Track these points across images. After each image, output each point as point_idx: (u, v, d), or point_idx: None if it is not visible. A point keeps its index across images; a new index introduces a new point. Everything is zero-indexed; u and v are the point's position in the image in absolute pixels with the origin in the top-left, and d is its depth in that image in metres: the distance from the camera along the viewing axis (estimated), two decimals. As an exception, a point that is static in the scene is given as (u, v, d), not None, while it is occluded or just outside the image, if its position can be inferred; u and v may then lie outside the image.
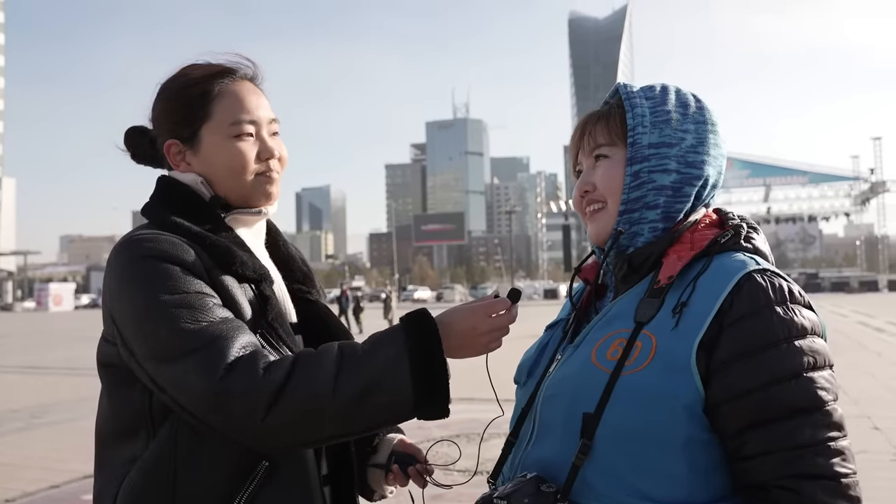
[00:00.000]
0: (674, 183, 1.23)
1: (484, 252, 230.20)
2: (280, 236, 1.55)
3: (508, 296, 1.26)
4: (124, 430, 1.29)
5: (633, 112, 1.25)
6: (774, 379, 1.08)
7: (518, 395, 1.34)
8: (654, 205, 1.24)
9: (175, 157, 1.40)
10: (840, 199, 66.56)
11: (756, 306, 1.11)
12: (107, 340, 1.31)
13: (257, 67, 1.46)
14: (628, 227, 1.24)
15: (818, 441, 1.06)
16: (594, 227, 1.29)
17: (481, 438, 1.48)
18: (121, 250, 1.29)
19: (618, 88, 1.33)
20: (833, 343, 1.12)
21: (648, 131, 1.24)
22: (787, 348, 1.09)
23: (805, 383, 1.08)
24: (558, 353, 1.28)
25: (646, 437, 1.10)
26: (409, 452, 1.49)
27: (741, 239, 1.22)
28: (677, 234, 1.24)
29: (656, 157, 1.23)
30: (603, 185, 1.26)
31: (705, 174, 1.25)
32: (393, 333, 1.22)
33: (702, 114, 1.27)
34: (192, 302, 1.22)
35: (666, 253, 1.23)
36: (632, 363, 1.13)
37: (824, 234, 79.21)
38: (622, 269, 1.26)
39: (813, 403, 1.08)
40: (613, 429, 1.11)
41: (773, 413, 1.08)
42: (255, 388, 1.14)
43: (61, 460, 6.50)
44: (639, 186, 1.23)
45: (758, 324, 1.10)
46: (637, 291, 1.22)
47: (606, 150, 1.27)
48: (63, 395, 10.53)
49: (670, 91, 1.28)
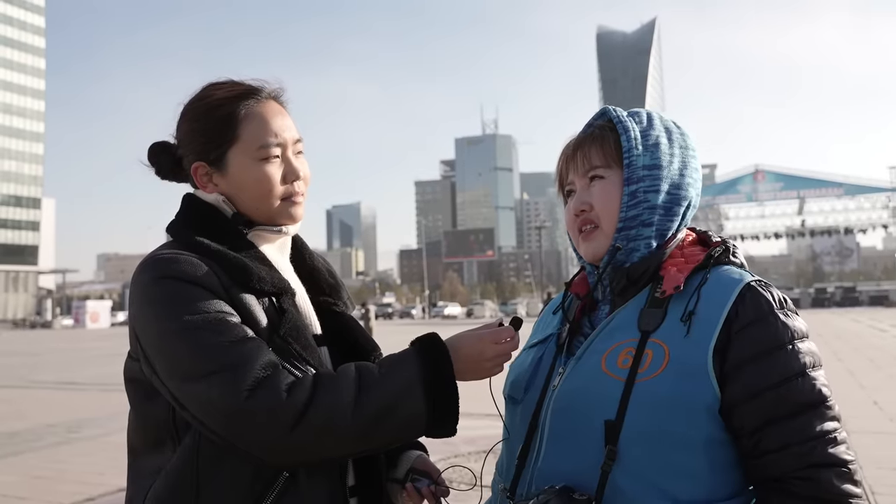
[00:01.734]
0: (664, 203, 1.31)
1: (514, 268, 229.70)
2: (306, 249, 1.57)
3: (511, 324, 1.34)
4: (152, 441, 1.32)
5: (627, 135, 1.32)
6: (784, 378, 1.17)
7: (515, 411, 1.36)
8: (649, 222, 1.30)
9: (202, 179, 1.42)
10: (877, 211, 65.27)
11: (761, 313, 1.20)
12: (131, 357, 1.35)
13: (281, 86, 1.47)
14: (626, 244, 1.30)
15: (827, 432, 1.15)
16: (590, 247, 1.34)
17: (486, 454, 1.49)
18: (143, 270, 1.31)
19: (606, 112, 1.38)
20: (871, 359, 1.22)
21: (642, 154, 1.31)
22: (791, 350, 1.18)
23: (810, 381, 1.17)
24: (559, 367, 1.31)
25: (668, 439, 1.16)
26: (426, 471, 1.50)
27: (731, 254, 1.32)
28: (668, 250, 1.32)
29: (650, 178, 1.30)
30: (600, 204, 1.31)
31: (689, 196, 1.34)
32: (407, 357, 1.27)
33: (684, 140, 1.35)
34: (214, 322, 1.24)
35: (662, 267, 1.30)
36: (645, 370, 1.19)
37: (862, 247, 77.57)
38: (620, 283, 1.31)
39: (818, 399, 1.17)
40: (637, 434, 1.16)
41: (785, 410, 1.16)
42: (279, 408, 1.18)
43: (97, 474, 6.61)
44: (635, 205, 1.30)
45: (765, 329, 1.19)
46: (636, 303, 1.27)
47: (602, 172, 1.32)
48: (98, 410, 10.69)
49: (654, 117, 1.36)
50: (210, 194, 1.42)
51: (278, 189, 1.40)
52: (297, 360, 1.30)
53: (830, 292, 77.38)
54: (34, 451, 7.78)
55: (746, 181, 62.22)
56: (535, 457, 1.26)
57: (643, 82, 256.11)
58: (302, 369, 1.29)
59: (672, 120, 1.38)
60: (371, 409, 1.20)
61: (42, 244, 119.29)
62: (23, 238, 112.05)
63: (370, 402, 1.20)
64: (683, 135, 1.36)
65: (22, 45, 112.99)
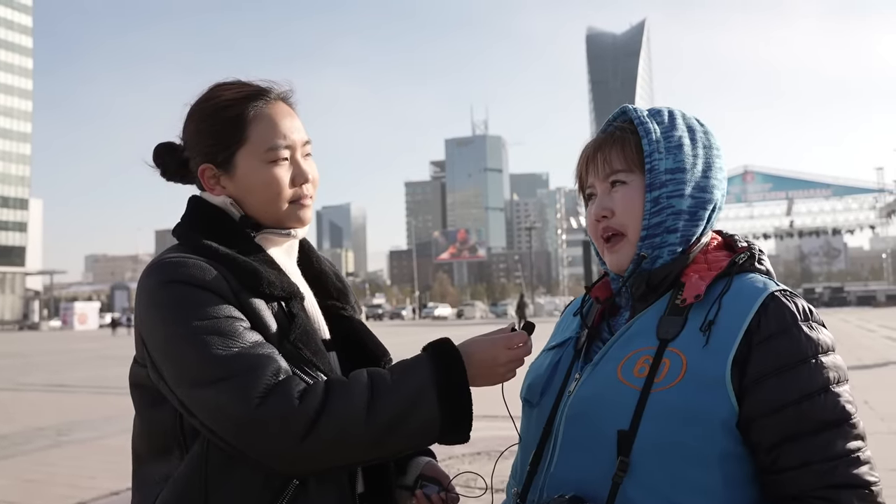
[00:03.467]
0: (690, 208, 1.26)
1: (504, 268, 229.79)
2: (313, 252, 1.55)
3: (523, 328, 1.31)
4: (158, 448, 1.30)
5: (649, 138, 1.27)
6: (806, 394, 1.12)
7: (531, 415, 1.34)
8: (674, 229, 1.26)
9: (209, 181, 1.40)
10: (865, 212, 65.49)
11: (784, 325, 1.15)
12: (137, 362, 1.32)
13: (291, 87, 1.45)
14: (651, 252, 1.26)
15: (849, 452, 1.11)
16: (615, 258, 1.29)
17: (498, 458, 1.48)
18: (150, 274, 1.28)
19: (626, 111, 1.33)
20: (860, 359, 1.22)
21: (664, 157, 1.26)
22: (815, 364, 1.14)
23: (833, 397, 1.13)
24: (575, 372, 1.28)
25: (682, 451, 1.12)
26: (436, 477, 1.49)
27: (756, 261, 1.27)
28: (692, 255, 1.28)
29: (673, 182, 1.25)
30: (622, 211, 1.27)
31: (715, 198, 1.28)
32: (420, 363, 1.24)
33: (707, 139, 1.29)
34: (223, 327, 1.22)
35: (684, 273, 1.26)
36: (662, 380, 1.15)
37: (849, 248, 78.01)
38: (640, 289, 1.27)
39: (842, 416, 1.12)
40: (650, 445, 1.13)
41: (807, 427, 1.11)
42: (291, 416, 1.15)
43: (88, 477, 6.55)
44: (659, 212, 1.25)
45: (788, 342, 1.14)
46: (656, 310, 1.24)
47: (623, 177, 1.27)
48: (89, 412, 10.60)
49: (677, 115, 1.30)
50: (217, 197, 1.40)
51: (287, 192, 1.38)
52: (308, 366, 1.28)
53: (819, 293, 77.98)
54: (24, 455, 7.69)
55: (736, 182, 62.34)
56: (548, 463, 1.23)
57: (633, 84, 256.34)
58: (312, 375, 1.26)
59: (695, 117, 1.32)
60: (384, 417, 1.18)
61: (30, 245, 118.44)
62: (10, 239, 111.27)
63: (383, 409, 1.18)
64: (707, 133, 1.30)
65: (9, 44, 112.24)
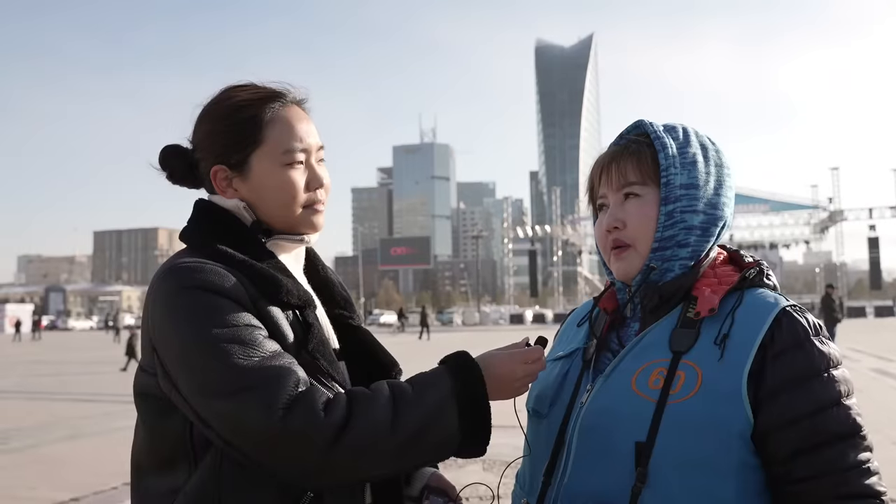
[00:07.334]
0: (702, 223, 1.28)
1: (450, 276, 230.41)
2: (319, 260, 1.51)
3: (537, 343, 1.33)
4: (163, 460, 1.25)
5: (665, 152, 1.29)
6: (819, 407, 1.16)
7: (540, 426, 1.34)
8: (685, 243, 1.28)
9: (221, 183, 1.36)
10: (800, 227, 67.80)
11: (798, 340, 1.19)
12: (144, 371, 1.27)
13: (306, 91, 1.42)
14: (661, 264, 1.28)
15: (861, 463, 1.15)
16: (622, 266, 1.31)
17: (505, 469, 1.47)
18: (165, 278, 1.24)
19: (641, 125, 1.35)
20: None
21: (679, 172, 1.28)
22: (827, 378, 1.18)
23: (845, 410, 1.17)
24: (586, 383, 1.29)
25: (699, 463, 1.14)
26: (442, 488, 1.47)
27: (764, 276, 1.30)
28: (701, 269, 1.30)
29: (686, 197, 1.27)
30: (635, 223, 1.29)
31: (725, 215, 1.31)
32: (440, 377, 1.23)
33: (719, 157, 1.32)
34: (243, 336, 1.18)
35: (694, 286, 1.28)
36: (678, 392, 1.17)
37: (784, 262, 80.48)
38: (652, 301, 1.29)
39: (853, 429, 1.17)
40: (668, 456, 1.15)
41: (820, 439, 1.15)
42: (316, 428, 1.13)
43: (28, 488, 6.28)
44: (672, 226, 1.27)
45: (801, 356, 1.18)
46: (668, 322, 1.26)
47: (638, 189, 1.29)
48: (24, 420, 10.20)
49: (690, 133, 1.33)
50: (229, 200, 1.36)
51: (302, 196, 1.35)
52: (324, 377, 1.25)
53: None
54: (-43, 464, 7.35)
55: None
56: (562, 475, 1.24)
57: (580, 96, 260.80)
58: (328, 386, 1.24)
59: (707, 136, 1.35)
60: (408, 430, 1.16)
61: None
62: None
63: (407, 423, 1.17)
64: (718, 152, 1.33)
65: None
